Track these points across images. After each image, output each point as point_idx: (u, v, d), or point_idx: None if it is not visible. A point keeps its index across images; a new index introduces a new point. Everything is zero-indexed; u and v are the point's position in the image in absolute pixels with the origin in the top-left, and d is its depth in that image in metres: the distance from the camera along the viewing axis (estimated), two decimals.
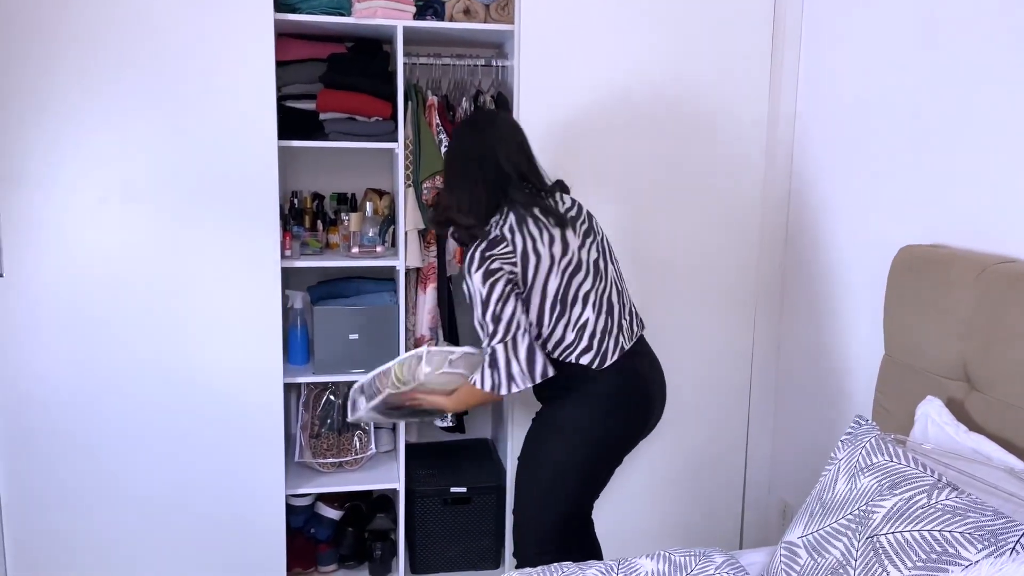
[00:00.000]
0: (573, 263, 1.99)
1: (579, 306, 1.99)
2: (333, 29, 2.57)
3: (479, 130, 2.06)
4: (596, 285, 2.02)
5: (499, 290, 1.91)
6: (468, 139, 2.06)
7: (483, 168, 2.01)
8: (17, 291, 2.31)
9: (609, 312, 2.03)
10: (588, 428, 2.02)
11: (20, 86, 2.23)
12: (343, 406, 2.82)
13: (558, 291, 1.97)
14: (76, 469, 2.42)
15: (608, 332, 2.02)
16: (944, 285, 1.81)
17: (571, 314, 1.99)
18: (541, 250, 1.96)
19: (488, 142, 2.02)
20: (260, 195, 2.40)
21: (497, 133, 2.05)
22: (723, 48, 2.60)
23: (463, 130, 2.10)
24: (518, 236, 1.95)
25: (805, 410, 2.65)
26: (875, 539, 1.40)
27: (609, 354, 2.02)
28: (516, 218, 1.97)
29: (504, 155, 2.02)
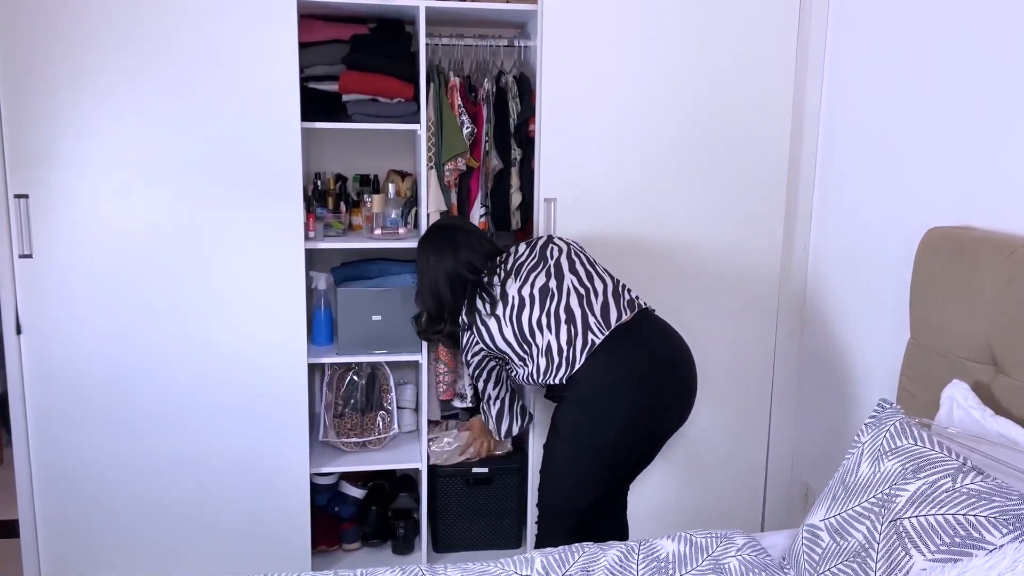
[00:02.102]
0: (515, 307, 2.20)
1: (539, 335, 2.17)
2: (355, 10, 2.57)
3: (432, 243, 2.38)
4: (546, 307, 2.18)
5: (473, 370, 2.41)
6: (424, 257, 2.38)
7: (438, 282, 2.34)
8: (47, 271, 2.34)
9: (569, 321, 2.15)
10: (583, 427, 2.13)
11: (50, 71, 2.25)
12: (366, 386, 2.84)
13: (515, 335, 2.20)
14: (104, 448, 2.46)
15: (571, 341, 2.14)
16: (971, 267, 1.79)
17: (538, 345, 2.16)
18: (488, 321, 2.24)
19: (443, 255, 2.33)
20: (284, 176, 2.41)
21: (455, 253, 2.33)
22: (749, 32, 2.57)
23: (420, 249, 2.41)
24: (472, 323, 2.28)
25: (828, 393, 2.64)
26: (898, 522, 1.39)
27: (577, 359, 2.13)
28: (468, 307, 2.28)
29: (455, 261, 2.32)
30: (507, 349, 2.23)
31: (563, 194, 2.55)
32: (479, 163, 2.69)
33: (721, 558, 1.65)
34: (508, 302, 2.21)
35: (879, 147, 2.34)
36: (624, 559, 1.67)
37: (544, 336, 2.16)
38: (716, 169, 2.64)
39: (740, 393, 2.79)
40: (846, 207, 2.51)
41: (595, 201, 2.57)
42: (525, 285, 2.21)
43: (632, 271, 2.62)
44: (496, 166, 2.72)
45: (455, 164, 2.62)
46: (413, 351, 2.69)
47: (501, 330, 2.21)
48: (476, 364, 2.38)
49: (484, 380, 2.42)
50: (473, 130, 2.64)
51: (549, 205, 2.55)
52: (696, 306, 2.68)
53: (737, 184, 2.65)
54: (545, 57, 2.48)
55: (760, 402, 2.81)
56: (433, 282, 2.35)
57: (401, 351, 2.69)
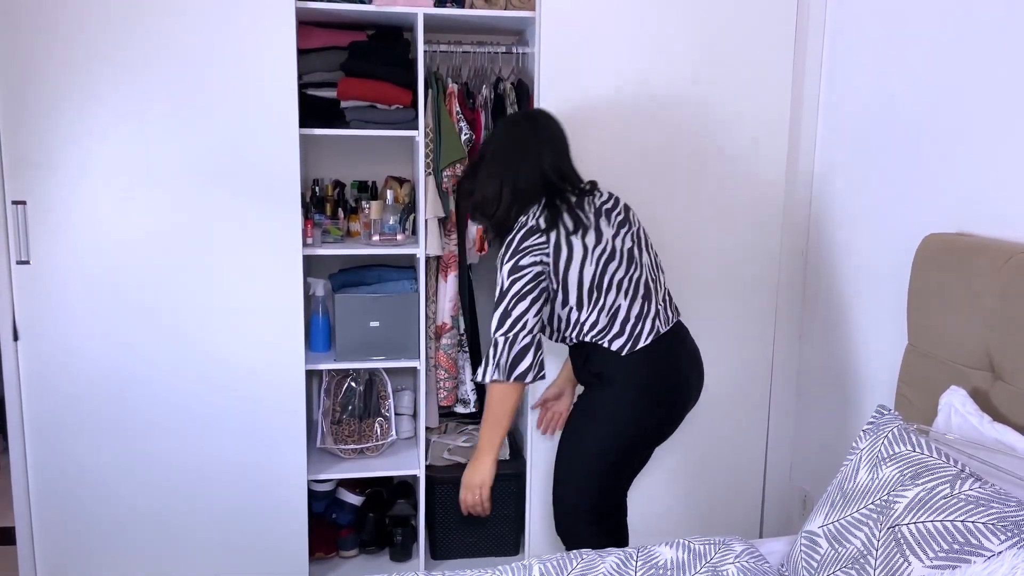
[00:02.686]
0: (607, 252, 2.03)
1: (612, 292, 2.03)
2: (354, 17, 2.57)
3: (522, 129, 2.13)
4: (630, 272, 2.06)
5: (518, 288, 1.98)
6: (509, 137, 2.13)
7: (521, 168, 2.07)
8: (44, 277, 2.34)
9: (645, 297, 2.07)
10: (621, 415, 2.05)
11: (48, 75, 2.25)
12: (364, 392, 2.84)
13: (593, 278, 2.02)
14: (101, 452, 2.46)
15: (641, 317, 2.05)
16: (968, 274, 1.79)
17: (605, 300, 2.03)
18: (574, 241, 2.01)
19: (530, 143, 2.09)
20: (282, 183, 2.41)
21: (540, 135, 2.11)
22: (746, 40, 2.57)
23: (506, 128, 2.17)
24: (552, 229, 2.01)
25: (826, 399, 2.64)
26: (897, 529, 1.39)
27: (642, 339, 2.04)
28: (551, 212, 2.02)
29: (545, 158, 2.09)
30: (571, 284, 2.02)
31: None
32: None
33: (719, 565, 1.65)
34: (600, 241, 2.04)
35: (876, 153, 2.34)
36: (622, 565, 1.66)
37: (616, 298, 2.03)
38: (714, 175, 2.64)
39: (738, 399, 2.79)
40: (843, 213, 2.51)
41: None
42: (617, 237, 2.07)
43: None
44: None
45: (453, 170, 2.62)
46: (411, 357, 2.68)
47: (583, 262, 2.01)
48: (523, 276, 1.98)
49: (523, 300, 1.98)
50: (471, 136, 2.64)
51: None
52: (694, 312, 2.68)
53: (735, 190, 2.66)
54: (543, 64, 2.49)
55: (758, 408, 2.81)
56: (513, 167, 2.08)
57: (399, 358, 2.68)
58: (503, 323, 1.98)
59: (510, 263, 1.99)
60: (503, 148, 2.13)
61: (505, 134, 2.16)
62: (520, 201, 2.07)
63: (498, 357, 1.98)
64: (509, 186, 2.07)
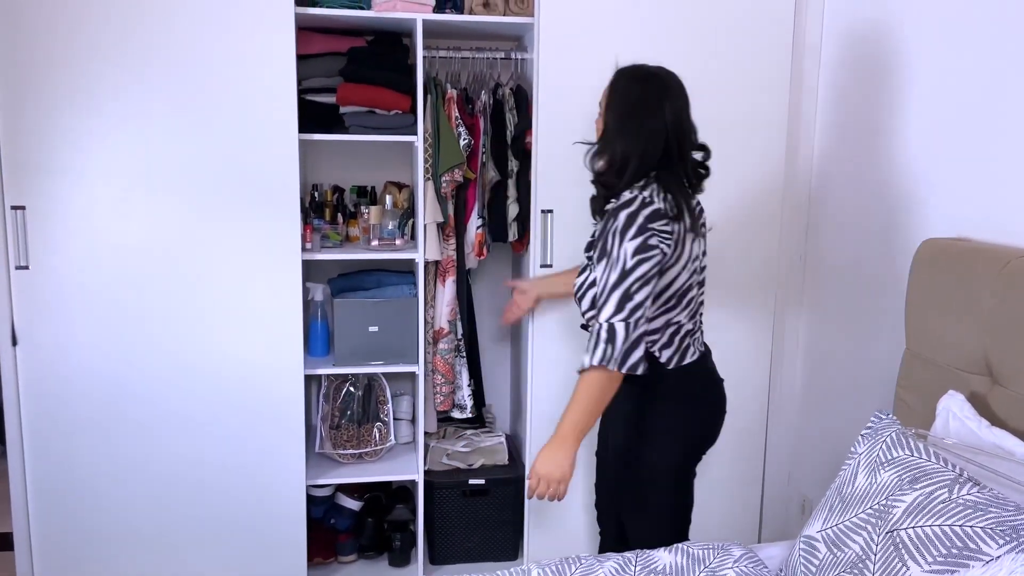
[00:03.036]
0: (696, 266, 1.93)
1: (680, 307, 1.92)
2: (353, 23, 2.58)
3: (654, 88, 1.89)
4: (698, 291, 1.97)
5: (644, 269, 1.77)
6: (644, 92, 1.89)
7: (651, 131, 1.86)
8: (43, 282, 2.34)
9: (697, 316, 2.00)
10: (675, 427, 1.97)
11: (47, 80, 2.26)
12: (363, 397, 2.84)
13: (678, 287, 1.88)
14: (100, 458, 2.45)
15: (691, 334, 1.97)
16: (967, 279, 1.80)
17: (672, 311, 1.91)
18: (687, 243, 1.86)
19: (661, 104, 1.87)
20: (281, 188, 2.42)
21: (672, 97, 1.89)
22: (744, 43, 2.58)
23: (637, 82, 1.91)
24: (678, 220, 1.83)
25: (825, 404, 2.64)
26: (895, 534, 1.39)
27: (687, 356, 1.96)
28: (675, 201, 1.83)
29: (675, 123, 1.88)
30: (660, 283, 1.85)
31: (559, 205, 2.55)
32: (476, 175, 2.70)
33: (718, 569, 1.65)
34: (696, 251, 1.91)
35: (874, 158, 2.35)
36: (621, 570, 1.66)
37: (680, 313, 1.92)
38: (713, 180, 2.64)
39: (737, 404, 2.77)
40: (841, 217, 2.52)
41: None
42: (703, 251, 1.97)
43: None
44: (493, 178, 2.73)
45: (452, 175, 2.62)
46: (410, 362, 2.68)
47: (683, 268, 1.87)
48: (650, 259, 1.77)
49: (647, 284, 1.77)
50: (470, 142, 2.65)
51: (546, 217, 2.55)
52: None
53: (734, 195, 2.66)
54: (542, 69, 2.49)
55: (757, 413, 2.81)
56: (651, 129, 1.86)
57: (398, 362, 2.68)
58: (622, 307, 1.76)
59: (637, 240, 1.76)
60: (630, 101, 1.89)
61: (629, 88, 1.91)
62: (644, 162, 1.85)
63: (616, 344, 1.75)
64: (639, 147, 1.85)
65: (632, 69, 1.94)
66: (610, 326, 1.77)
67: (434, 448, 2.91)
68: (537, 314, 2.61)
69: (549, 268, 2.58)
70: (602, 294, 1.79)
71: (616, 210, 1.82)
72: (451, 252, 2.71)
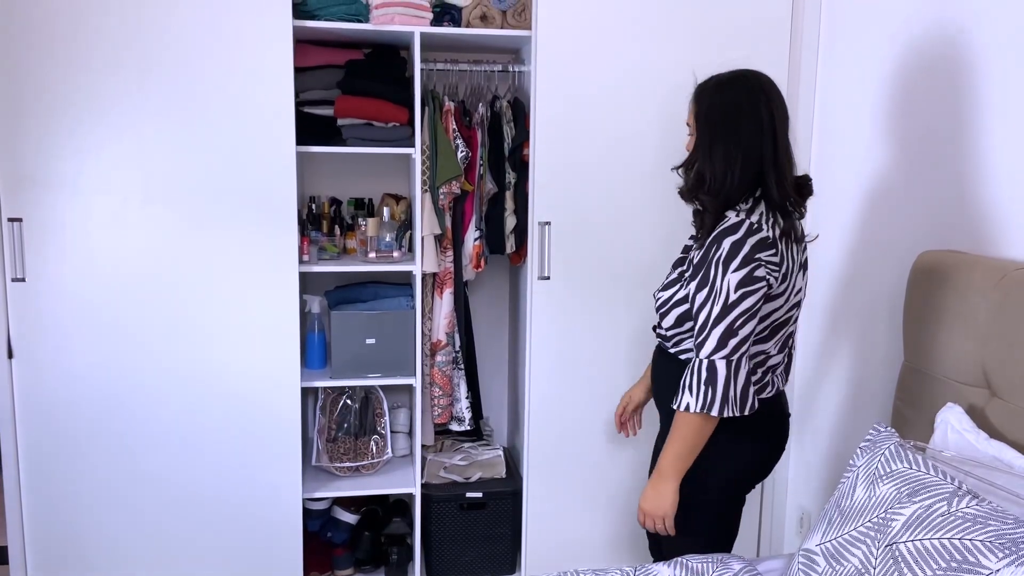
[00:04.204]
0: (797, 300, 1.79)
1: (773, 341, 1.80)
2: (351, 35, 2.59)
3: (749, 92, 1.74)
4: (790, 321, 1.82)
5: (749, 303, 1.65)
6: (738, 98, 1.74)
7: (751, 139, 1.71)
8: (39, 295, 2.34)
9: (784, 350, 1.86)
10: (736, 459, 1.85)
11: (44, 92, 2.26)
12: (359, 410, 2.83)
13: (775, 321, 1.76)
14: (96, 471, 2.44)
15: (774, 369, 1.85)
16: (963, 291, 1.80)
17: (764, 344, 1.78)
18: (792, 274, 1.74)
19: (759, 111, 1.72)
20: (278, 200, 2.42)
21: (769, 103, 1.74)
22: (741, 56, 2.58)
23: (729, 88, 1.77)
24: (784, 251, 1.70)
25: (823, 417, 2.63)
26: (894, 547, 1.39)
27: (766, 390, 1.84)
28: (783, 229, 1.70)
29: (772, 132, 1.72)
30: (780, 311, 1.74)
31: (557, 217, 2.56)
32: (473, 187, 2.70)
33: None
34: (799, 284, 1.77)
35: (870, 171, 2.36)
36: None
37: (771, 347, 1.80)
38: None
39: None
40: (838, 230, 2.52)
41: (590, 224, 2.58)
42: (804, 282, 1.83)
43: (628, 295, 2.62)
44: (491, 190, 2.73)
45: (449, 188, 2.63)
46: (407, 375, 2.68)
47: (785, 301, 1.74)
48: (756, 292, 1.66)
49: (752, 319, 1.66)
50: (468, 154, 2.65)
51: (543, 229, 2.56)
52: None
53: None
54: (539, 82, 2.50)
55: None
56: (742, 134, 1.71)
57: (395, 375, 2.68)
58: (725, 343, 1.65)
59: (742, 272, 1.64)
60: (728, 113, 1.74)
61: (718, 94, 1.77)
62: (734, 176, 1.71)
63: (727, 387, 1.65)
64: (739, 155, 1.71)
65: (716, 77, 1.81)
66: (711, 364, 1.66)
67: (431, 461, 2.90)
68: (534, 326, 2.61)
69: (547, 280, 2.58)
70: (703, 328, 1.68)
71: (720, 236, 1.68)
72: (448, 264, 2.71)
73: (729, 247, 1.66)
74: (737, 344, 1.65)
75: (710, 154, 1.74)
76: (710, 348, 1.66)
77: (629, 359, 2.65)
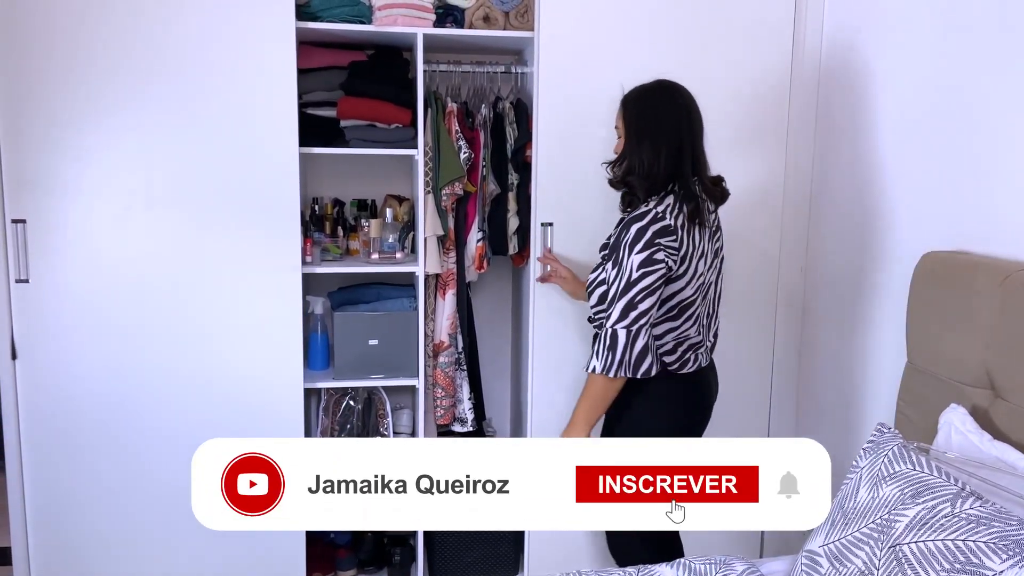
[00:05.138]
0: (704, 283, 2.02)
1: (687, 321, 2.02)
2: (354, 37, 2.59)
3: (669, 98, 2.03)
4: (706, 308, 2.07)
5: (648, 281, 1.90)
6: (664, 102, 2.03)
7: (671, 135, 1.99)
8: (43, 296, 2.34)
9: (703, 330, 2.08)
10: (656, 427, 2.04)
11: (47, 96, 2.26)
12: (362, 411, 2.83)
13: (682, 301, 1.99)
14: (99, 472, 2.44)
15: (695, 347, 2.06)
16: (967, 292, 1.80)
17: (676, 322, 2.01)
18: (693, 260, 1.97)
19: (678, 112, 2.01)
20: (281, 201, 2.42)
21: (686, 107, 2.03)
22: (745, 62, 2.59)
23: (657, 94, 2.05)
24: (686, 238, 1.95)
25: (826, 418, 2.63)
26: (898, 548, 1.39)
27: (687, 366, 2.05)
28: (687, 217, 1.95)
29: (689, 131, 2.01)
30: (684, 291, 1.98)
31: (559, 218, 2.56)
32: (476, 188, 2.70)
33: None
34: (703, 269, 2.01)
35: (874, 171, 2.35)
36: None
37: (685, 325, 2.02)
38: None
39: (737, 417, 2.78)
40: (842, 230, 2.52)
41: (592, 225, 2.57)
42: (712, 268, 2.07)
43: None
44: (493, 191, 2.73)
45: (452, 189, 2.63)
46: (410, 376, 2.68)
47: (687, 284, 1.98)
48: (655, 272, 1.90)
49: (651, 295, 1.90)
50: (471, 155, 2.65)
51: (546, 230, 2.56)
52: None
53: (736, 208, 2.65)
54: (542, 83, 2.50)
55: (757, 427, 2.80)
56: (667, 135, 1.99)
57: (398, 376, 2.68)
58: (626, 315, 1.90)
59: (644, 254, 1.90)
60: (655, 112, 2.02)
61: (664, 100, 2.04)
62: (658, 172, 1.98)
63: (620, 351, 1.91)
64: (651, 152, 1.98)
65: (640, 86, 2.07)
66: (613, 332, 1.92)
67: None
68: (537, 327, 2.60)
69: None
70: (610, 302, 1.94)
71: (629, 222, 1.94)
72: (451, 265, 2.71)
73: (635, 232, 1.92)
74: (636, 316, 1.90)
75: (639, 149, 2.00)
76: (614, 319, 1.92)
77: None
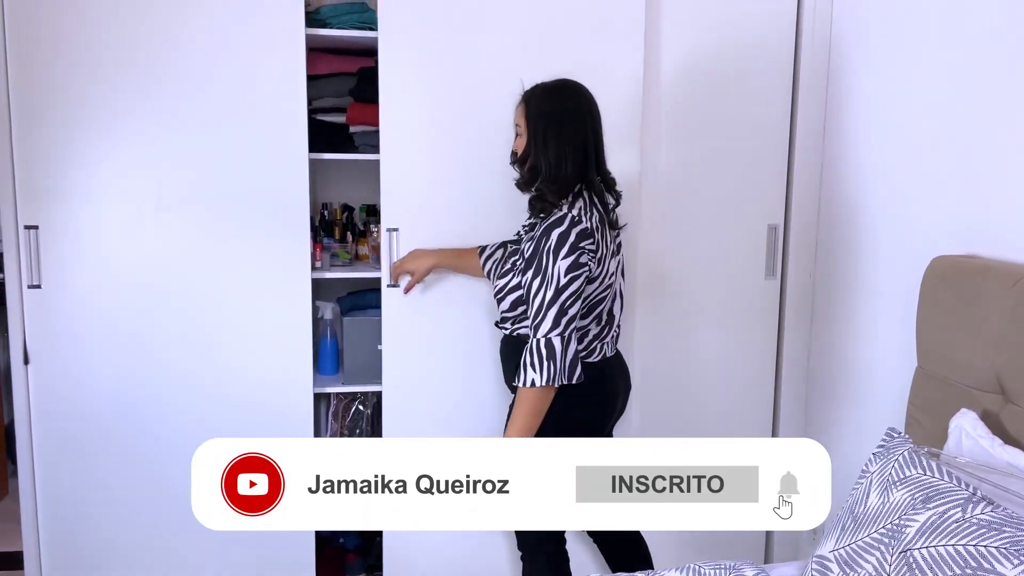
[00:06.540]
0: (610, 282, 2.06)
1: (591, 319, 2.06)
2: (363, 43, 2.60)
3: (574, 97, 2.01)
4: (611, 304, 2.10)
5: (576, 286, 1.91)
6: (565, 102, 2.00)
7: (577, 136, 1.98)
8: (55, 301, 2.35)
9: (607, 323, 2.11)
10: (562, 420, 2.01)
11: (58, 102, 2.28)
12: (372, 416, 2.84)
13: (591, 297, 2.02)
14: (110, 477, 2.45)
15: (598, 337, 2.09)
16: (978, 296, 1.79)
17: (583, 320, 2.03)
18: (606, 260, 2.01)
19: (582, 112, 2.00)
20: (291, 207, 2.43)
21: (589, 106, 2.02)
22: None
23: (557, 93, 2.02)
24: (600, 240, 1.98)
25: (835, 422, 2.62)
26: (908, 554, 1.38)
27: (592, 355, 2.08)
28: (599, 219, 1.98)
29: (593, 131, 2.02)
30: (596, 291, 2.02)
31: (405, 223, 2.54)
32: None
33: None
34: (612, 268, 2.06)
35: (883, 175, 2.35)
36: None
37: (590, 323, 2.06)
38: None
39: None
40: (851, 234, 2.51)
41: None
42: (617, 265, 2.11)
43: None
44: None
45: None
46: None
47: (600, 282, 2.01)
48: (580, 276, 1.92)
49: (578, 300, 1.93)
50: None
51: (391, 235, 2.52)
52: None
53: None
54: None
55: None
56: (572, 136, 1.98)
57: None
58: (559, 322, 1.90)
59: (570, 259, 1.90)
60: (557, 112, 1.99)
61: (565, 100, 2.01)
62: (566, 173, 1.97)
63: (560, 359, 1.90)
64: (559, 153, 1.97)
65: (542, 84, 2.04)
66: (548, 341, 1.90)
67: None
68: None
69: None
70: (539, 311, 1.92)
71: (549, 228, 1.93)
72: None
73: (557, 238, 1.91)
74: (567, 322, 1.91)
75: (544, 149, 1.97)
76: (547, 327, 1.90)
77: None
